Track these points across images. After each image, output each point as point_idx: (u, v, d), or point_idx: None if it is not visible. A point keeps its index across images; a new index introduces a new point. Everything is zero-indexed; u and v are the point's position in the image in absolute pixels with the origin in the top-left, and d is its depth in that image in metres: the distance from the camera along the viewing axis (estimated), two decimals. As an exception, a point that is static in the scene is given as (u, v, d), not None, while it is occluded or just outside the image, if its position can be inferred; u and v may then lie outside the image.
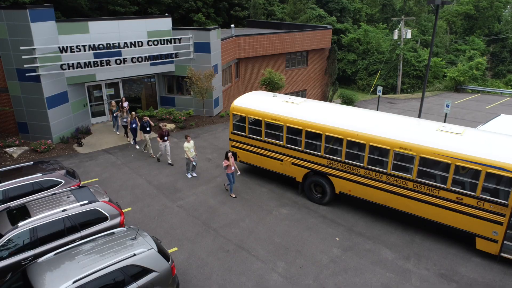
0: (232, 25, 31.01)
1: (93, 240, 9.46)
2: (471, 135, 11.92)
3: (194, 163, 16.25)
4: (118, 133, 20.85)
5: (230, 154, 14.25)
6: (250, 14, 43.16)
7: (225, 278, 10.77)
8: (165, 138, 17.08)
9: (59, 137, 19.49)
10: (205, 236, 12.61)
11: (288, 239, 12.49)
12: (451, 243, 12.33)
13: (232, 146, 16.32)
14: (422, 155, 11.72)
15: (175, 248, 11.91)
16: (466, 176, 11.49)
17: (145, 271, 8.91)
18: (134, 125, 18.75)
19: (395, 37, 41.45)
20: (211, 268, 11.16)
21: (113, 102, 20.75)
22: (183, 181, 16.15)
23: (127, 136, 20.01)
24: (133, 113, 18.91)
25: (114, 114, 20.43)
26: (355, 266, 11.34)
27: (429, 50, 26.27)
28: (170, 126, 21.59)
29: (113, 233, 9.76)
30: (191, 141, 15.77)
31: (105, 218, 10.97)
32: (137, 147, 19.27)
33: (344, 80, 48.89)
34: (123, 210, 13.27)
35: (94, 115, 22.19)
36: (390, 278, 10.87)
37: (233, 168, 14.36)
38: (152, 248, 9.22)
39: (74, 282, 8.05)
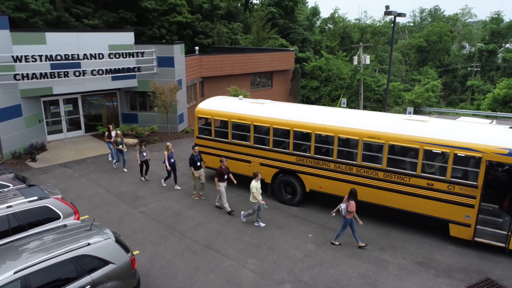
0: (197, 47, 31.10)
1: (41, 232, 8.43)
2: (436, 122, 12.03)
3: (266, 206, 12.65)
4: (125, 170, 17.03)
5: (354, 192, 10.98)
6: (214, 42, 43.69)
7: (192, 277, 9.87)
8: (225, 177, 13.18)
9: (10, 153, 18.09)
10: (170, 238, 11.69)
11: (259, 238, 11.79)
12: (425, 234, 12.07)
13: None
14: (390, 142, 11.63)
15: (137, 251, 10.89)
16: (435, 160, 11.45)
17: (101, 262, 7.95)
18: (173, 160, 14.93)
19: (355, 62, 43.06)
20: (177, 268, 10.23)
21: (118, 132, 17.24)
22: (145, 189, 15.21)
23: (142, 175, 16.10)
24: (169, 144, 14.91)
25: (121, 147, 16.88)
26: (330, 259, 10.76)
27: (387, 72, 27.32)
28: (133, 141, 20.69)
29: (65, 225, 8.77)
30: (259, 181, 12.25)
31: (57, 217, 9.89)
32: (178, 187, 15.35)
33: (308, 106, 49.71)
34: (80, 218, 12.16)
35: (50, 132, 20.96)
36: (367, 268, 10.35)
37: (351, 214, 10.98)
38: (110, 238, 8.30)
39: (15, 273, 7.00)
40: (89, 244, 7.93)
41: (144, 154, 15.65)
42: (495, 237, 10.88)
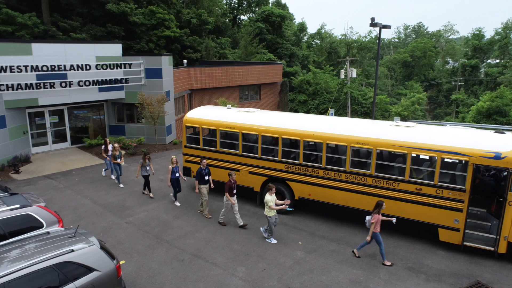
0: (185, 61, 31.17)
1: (23, 239, 8.15)
2: (423, 128, 12.15)
3: (291, 208, 12.35)
4: (121, 185, 16.28)
5: (383, 205, 10.51)
6: (202, 56, 43.91)
7: (179, 286, 9.62)
8: (234, 192, 12.67)
9: (-7, 165, 17.70)
10: (157, 248, 11.43)
11: (248, 246, 11.60)
12: (415, 239, 12.03)
13: (186, 161, 15.55)
14: (379, 148, 11.67)
15: (123, 261, 10.61)
16: (423, 165, 11.51)
17: (85, 269, 7.69)
18: (177, 175, 14.17)
19: (342, 76, 43.62)
20: (164, 277, 9.97)
21: (116, 145, 16.20)
22: (133, 199, 14.94)
23: (145, 189, 15.50)
24: (173, 157, 14.09)
25: (119, 161, 16.12)
26: (321, 266, 10.62)
27: (374, 85, 27.72)
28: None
29: (48, 232, 8.51)
30: (273, 194, 11.73)
31: (40, 226, 9.59)
32: (177, 204, 14.61)
33: (297, 120, 49.95)
34: (63, 228, 11.84)
35: (35, 144, 20.57)
36: (357, 274, 10.23)
37: (379, 227, 10.60)
38: (94, 244, 8.07)
39: (-6, 280, 6.72)
40: (72, 250, 7.68)
41: (147, 168, 14.95)
42: (484, 241, 10.89)
